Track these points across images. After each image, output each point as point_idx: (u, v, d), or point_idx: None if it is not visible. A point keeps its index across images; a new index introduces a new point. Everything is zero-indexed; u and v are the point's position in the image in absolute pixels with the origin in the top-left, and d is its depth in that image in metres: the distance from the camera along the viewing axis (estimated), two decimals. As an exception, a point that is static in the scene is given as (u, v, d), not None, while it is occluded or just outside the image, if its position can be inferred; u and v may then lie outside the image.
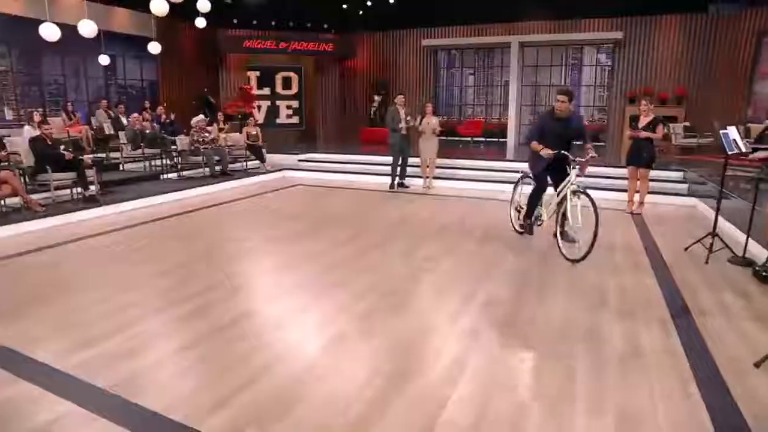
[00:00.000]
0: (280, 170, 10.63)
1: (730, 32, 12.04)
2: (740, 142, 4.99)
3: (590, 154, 5.01)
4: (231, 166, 10.08)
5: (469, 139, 14.57)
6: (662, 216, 7.12)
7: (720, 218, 5.40)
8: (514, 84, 13.53)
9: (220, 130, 10.67)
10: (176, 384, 2.76)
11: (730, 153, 4.92)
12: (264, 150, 10.65)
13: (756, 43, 11.54)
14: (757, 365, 2.95)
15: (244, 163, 10.45)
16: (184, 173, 9.36)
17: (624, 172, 7.72)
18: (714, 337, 3.34)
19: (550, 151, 5.05)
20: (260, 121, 15.27)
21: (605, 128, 14.10)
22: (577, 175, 4.96)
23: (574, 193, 4.87)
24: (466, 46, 15.12)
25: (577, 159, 5.02)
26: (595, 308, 3.83)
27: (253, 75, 15.20)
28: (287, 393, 2.67)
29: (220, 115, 11.13)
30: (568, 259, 4.89)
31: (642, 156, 6.92)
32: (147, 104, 11.63)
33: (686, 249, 5.35)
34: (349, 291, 4.17)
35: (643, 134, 6.86)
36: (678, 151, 11.58)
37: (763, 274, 4.42)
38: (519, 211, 5.85)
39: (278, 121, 15.86)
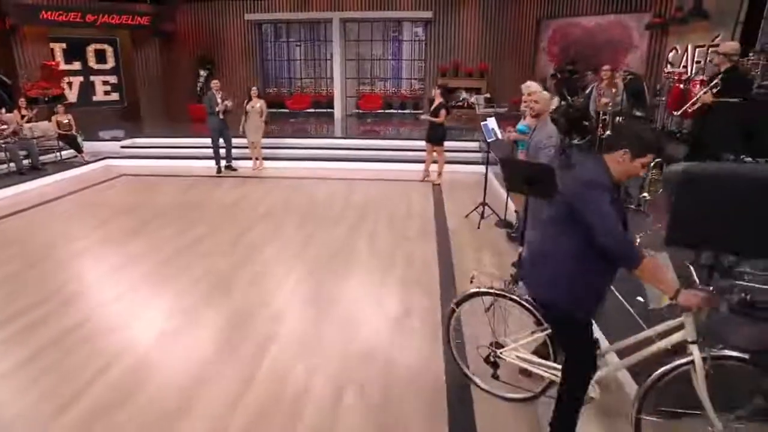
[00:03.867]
0: (101, 159, 10.08)
1: (516, 17, 14.01)
2: (497, 131, 6.31)
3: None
4: (43, 158, 9.35)
5: (297, 112, 15.09)
6: (457, 184, 8.47)
7: (498, 185, 6.76)
8: (337, 58, 14.27)
9: (23, 117, 9.70)
10: (16, 400, 3.05)
11: (489, 140, 6.21)
12: (80, 138, 10.00)
13: (536, 28, 13.69)
14: (486, 310, 4.14)
15: (58, 154, 9.74)
16: (-17, 171, 8.49)
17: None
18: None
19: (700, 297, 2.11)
20: (73, 99, 14.06)
21: (422, 98, 15.57)
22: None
23: None
24: (289, 21, 15.36)
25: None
26: (386, 274, 4.83)
27: (58, 47, 13.66)
28: (144, 368, 3.27)
29: (21, 101, 10.03)
30: None
31: (435, 135, 8.24)
32: None
33: (466, 216, 6.66)
34: (185, 281, 4.71)
35: (430, 119, 8.22)
36: (482, 119, 13.41)
37: (513, 235, 5.82)
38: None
39: (95, 98, 14.67)
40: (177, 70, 15.26)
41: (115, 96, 15.05)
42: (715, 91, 5.13)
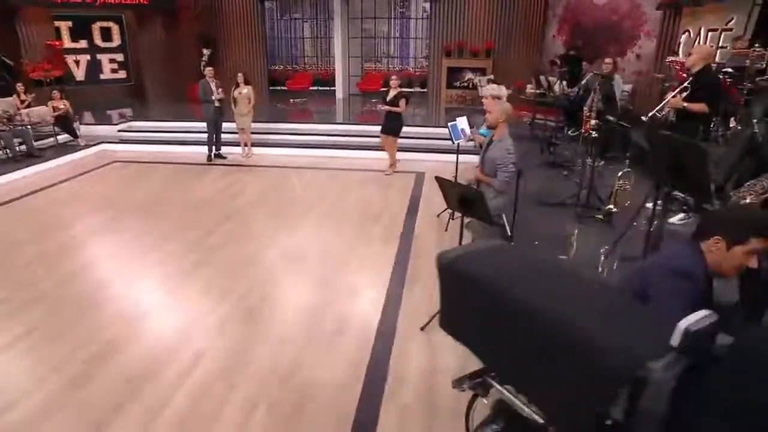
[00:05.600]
0: (97, 144, 10.24)
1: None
2: (467, 130, 6.15)
3: None
4: (40, 143, 9.58)
5: (297, 93, 14.94)
6: (445, 175, 8.31)
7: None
8: (338, 35, 14.02)
9: (22, 102, 9.91)
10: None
11: (456, 141, 6.06)
12: (77, 123, 10.17)
13: (545, 4, 13.12)
14: (422, 329, 4.13)
15: (55, 139, 9.94)
16: (-21, 159, 8.72)
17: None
18: (408, 307, 4.48)
19: None
20: (81, 78, 14.28)
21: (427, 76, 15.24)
22: None
23: None
24: (292, -3, 15.14)
25: None
26: (334, 286, 4.83)
27: (64, 26, 13.80)
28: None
29: (20, 86, 10.19)
30: None
31: (389, 126, 8.19)
32: None
33: (438, 215, 6.58)
34: (139, 284, 4.87)
35: (391, 109, 8.13)
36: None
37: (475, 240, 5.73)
38: None
39: (102, 76, 14.86)
40: (180, 49, 15.22)
41: (122, 74, 15.20)
42: (684, 95, 4.90)
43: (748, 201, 3.07)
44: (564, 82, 9.85)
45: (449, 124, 6.04)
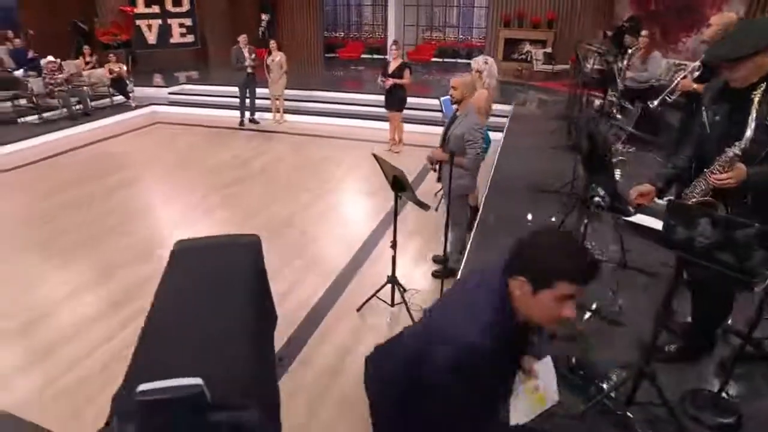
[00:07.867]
0: (148, 105, 10.90)
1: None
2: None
3: None
4: (98, 102, 10.38)
5: (348, 61, 14.88)
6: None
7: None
8: (392, 2, 13.70)
9: (87, 64, 10.73)
10: None
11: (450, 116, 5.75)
12: (131, 84, 10.85)
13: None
14: (358, 310, 4.09)
15: (111, 99, 10.69)
16: (45, 116, 9.48)
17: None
18: (355, 284, 4.46)
19: None
20: (153, 41, 15.17)
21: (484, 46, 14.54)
22: None
23: None
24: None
25: None
26: (297, 257, 4.88)
27: (139, -9, 14.66)
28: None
29: (86, 49, 11.03)
30: None
31: (393, 100, 7.76)
32: (10, 34, 11.24)
33: (436, 194, 6.32)
34: (126, 253, 5.10)
35: (390, 82, 7.61)
36: (542, 77, 12.29)
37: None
38: None
39: (172, 40, 15.66)
40: (242, 13, 15.63)
41: (190, 38, 15.88)
42: (696, 75, 4.32)
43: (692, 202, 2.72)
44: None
45: (441, 98, 5.74)
